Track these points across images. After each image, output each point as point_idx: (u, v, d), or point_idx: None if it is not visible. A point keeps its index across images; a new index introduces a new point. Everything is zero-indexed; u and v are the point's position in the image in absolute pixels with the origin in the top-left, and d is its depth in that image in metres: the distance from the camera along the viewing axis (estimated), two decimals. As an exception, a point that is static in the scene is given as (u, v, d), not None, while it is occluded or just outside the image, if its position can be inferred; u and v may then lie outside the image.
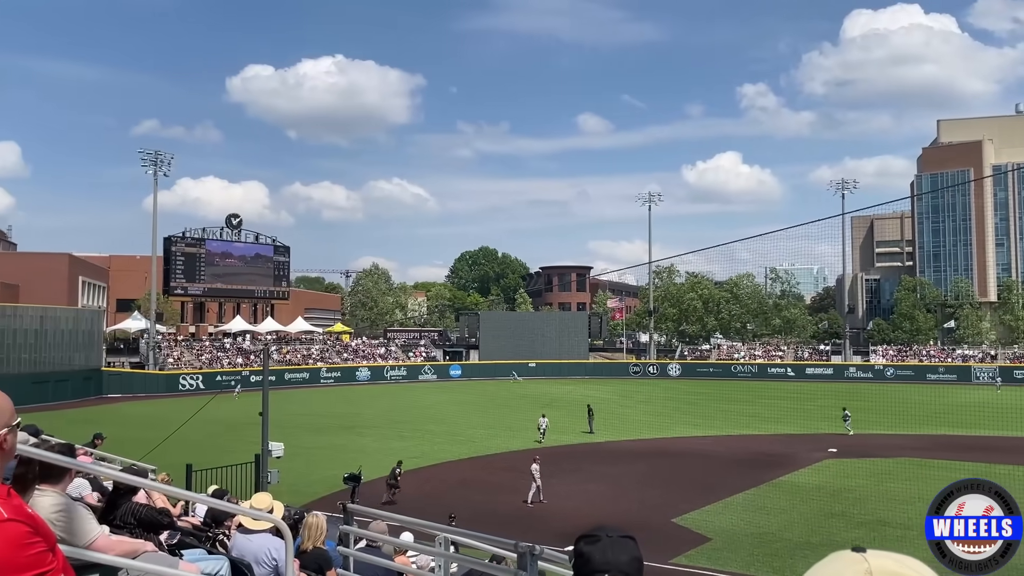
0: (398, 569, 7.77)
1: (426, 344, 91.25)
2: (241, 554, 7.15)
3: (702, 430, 42.63)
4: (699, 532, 22.34)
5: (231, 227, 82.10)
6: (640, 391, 67.18)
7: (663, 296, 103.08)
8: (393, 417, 49.18)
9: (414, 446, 37.47)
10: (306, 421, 44.86)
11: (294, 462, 27.05)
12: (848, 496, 26.42)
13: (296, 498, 20.87)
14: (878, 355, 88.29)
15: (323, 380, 74.63)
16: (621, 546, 2.26)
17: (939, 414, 43.42)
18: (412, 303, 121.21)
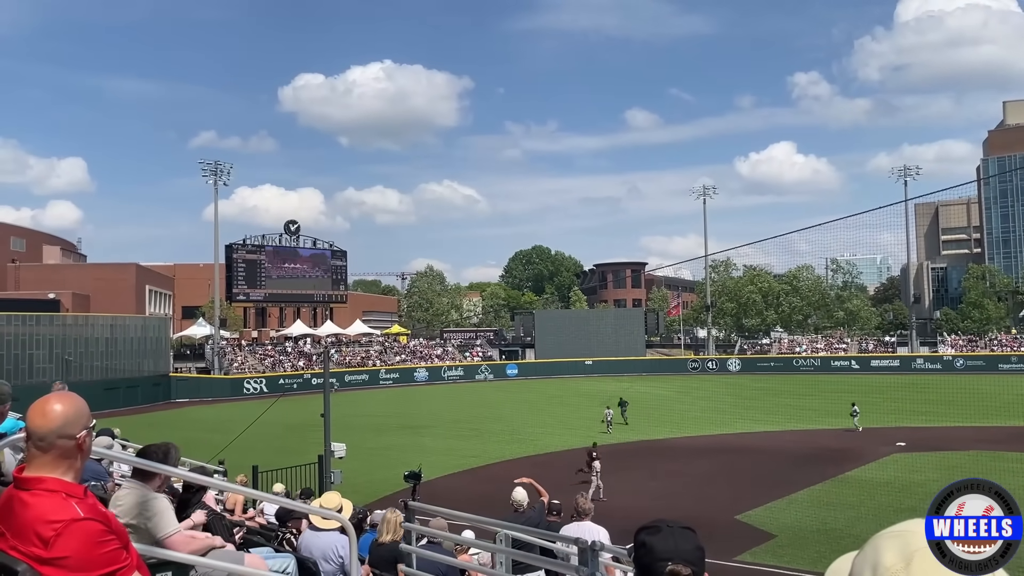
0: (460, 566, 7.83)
1: (482, 344, 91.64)
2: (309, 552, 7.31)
3: (764, 425, 41.90)
4: (763, 529, 21.96)
5: (289, 233, 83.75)
6: (699, 387, 66.38)
7: (720, 290, 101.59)
8: (452, 417, 49.54)
9: (473, 445, 37.69)
10: (366, 422, 45.49)
11: (356, 462, 27.45)
12: (919, 491, 25.62)
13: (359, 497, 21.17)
14: (947, 345, 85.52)
15: (382, 381, 75.61)
16: (683, 536, 2.27)
17: (1013, 405, 41.85)
18: (467, 303, 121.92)
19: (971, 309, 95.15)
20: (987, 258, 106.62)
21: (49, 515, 2.60)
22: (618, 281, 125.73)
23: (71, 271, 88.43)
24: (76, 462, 2.78)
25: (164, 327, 72.01)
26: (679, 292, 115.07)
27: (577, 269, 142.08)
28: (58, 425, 2.71)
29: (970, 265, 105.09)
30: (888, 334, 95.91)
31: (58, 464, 2.71)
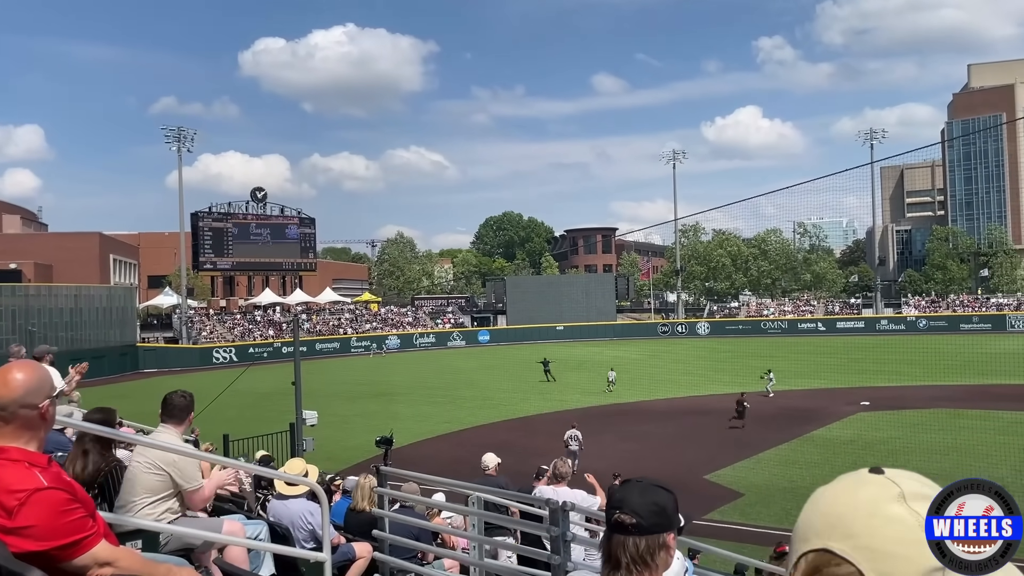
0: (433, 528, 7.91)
1: (454, 311, 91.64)
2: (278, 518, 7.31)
3: (733, 387, 42.50)
4: (732, 488, 22.42)
5: (256, 201, 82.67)
6: (669, 351, 67.09)
7: (690, 255, 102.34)
8: (424, 383, 49.65)
9: (446, 411, 37.86)
10: (338, 389, 45.44)
11: (328, 429, 27.46)
12: (881, 448, 26.32)
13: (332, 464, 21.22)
14: (910, 307, 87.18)
15: (353, 349, 75.44)
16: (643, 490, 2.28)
17: (972, 364, 42.90)
18: (438, 270, 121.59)
19: (934, 271, 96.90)
20: (950, 220, 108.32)
21: (12, 485, 2.57)
22: (589, 247, 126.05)
23: (32, 240, 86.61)
24: (39, 432, 2.75)
25: (130, 297, 70.99)
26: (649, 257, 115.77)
27: (548, 235, 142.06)
28: (20, 395, 2.66)
29: (934, 227, 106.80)
30: (854, 296, 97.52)
31: (20, 434, 2.67)
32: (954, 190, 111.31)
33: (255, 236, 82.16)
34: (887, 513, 0.94)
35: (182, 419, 5.30)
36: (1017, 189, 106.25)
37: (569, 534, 4.97)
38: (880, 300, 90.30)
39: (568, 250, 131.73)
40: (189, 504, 5.18)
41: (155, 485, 4.98)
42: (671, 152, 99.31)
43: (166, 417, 5.28)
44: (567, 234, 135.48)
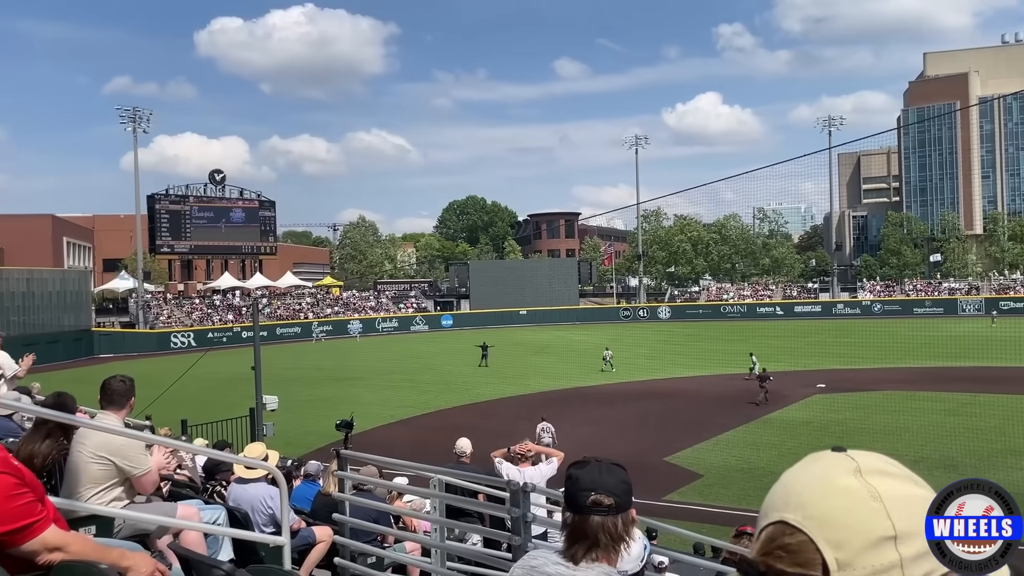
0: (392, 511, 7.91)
1: (416, 295, 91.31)
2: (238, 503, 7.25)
3: (693, 370, 43.10)
4: (691, 469, 22.76)
5: (215, 183, 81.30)
6: (631, 335, 67.64)
7: (652, 240, 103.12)
8: (386, 368, 49.47)
9: (408, 396, 37.80)
10: (299, 374, 45.08)
11: (288, 414, 27.25)
12: (836, 429, 26.90)
13: (293, 449, 21.07)
14: (865, 291, 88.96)
15: (315, 334, 74.80)
16: (609, 470, 2.33)
17: (925, 347, 44.01)
18: (401, 255, 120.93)
19: (889, 256, 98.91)
20: (905, 206, 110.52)
21: (-42, 470, 2.51)
22: (552, 231, 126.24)
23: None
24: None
25: (84, 280, 69.46)
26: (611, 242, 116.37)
27: (511, 220, 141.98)
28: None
29: (889, 213, 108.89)
30: (811, 281, 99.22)
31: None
32: (909, 177, 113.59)
33: (214, 219, 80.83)
34: (840, 484, 0.97)
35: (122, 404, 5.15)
36: (969, 176, 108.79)
37: (530, 515, 4.99)
38: (836, 285, 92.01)
39: (531, 235, 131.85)
40: (139, 489, 5.08)
41: (99, 475, 4.87)
42: (633, 137, 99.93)
43: (106, 403, 5.13)
44: (530, 219, 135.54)
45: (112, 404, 5.14)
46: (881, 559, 0.91)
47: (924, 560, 0.92)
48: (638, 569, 3.44)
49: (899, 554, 0.91)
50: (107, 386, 5.20)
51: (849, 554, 0.91)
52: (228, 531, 5.74)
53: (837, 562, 0.91)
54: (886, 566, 0.90)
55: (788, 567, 0.94)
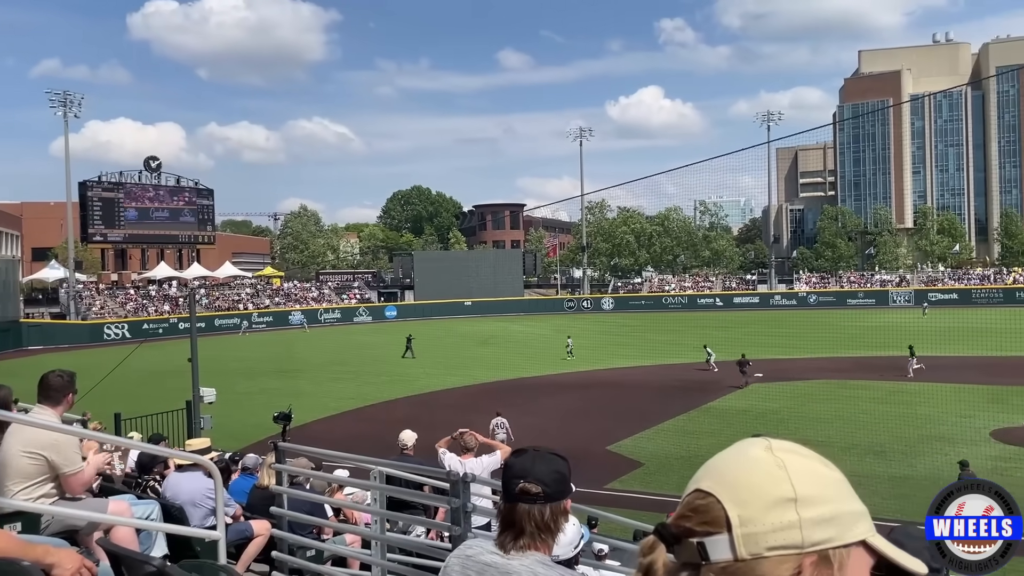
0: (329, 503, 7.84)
1: (360, 286, 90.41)
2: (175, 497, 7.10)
3: (635, 361, 43.67)
4: (632, 458, 23.08)
5: (150, 170, 79.07)
6: (575, 326, 68.12)
7: (596, 231, 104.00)
8: (329, 359, 48.92)
9: (351, 387, 37.45)
10: (239, 366, 44.26)
11: (228, 407, 26.74)
12: (772, 418, 27.58)
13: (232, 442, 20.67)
14: (802, 283, 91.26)
15: (255, 325, 73.48)
16: (543, 459, 2.34)
17: (858, 337, 45.40)
18: (344, 245, 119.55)
19: (824, 248, 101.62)
20: (840, 200, 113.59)
21: None
22: (497, 222, 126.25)
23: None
24: None
25: (11, 270, 66.84)
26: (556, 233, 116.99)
27: (456, 210, 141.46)
28: None
29: (825, 207, 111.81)
30: (750, 272, 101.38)
31: None
32: (843, 171, 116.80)
33: (149, 207, 78.62)
34: (750, 455, 1.05)
35: (59, 400, 5.06)
36: (901, 172, 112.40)
37: (470, 505, 5.00)
38: (774, 276, 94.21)
39: (476, 225, 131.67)
40: (67, 488, 4.94)
41: (29, 470, 4.72)
42: (577, 129, 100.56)
43: (43, 398, 5.03)
44: (475, 209, 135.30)
45: (48, 399, 5.03)
46: (781, 518, 0.97)
47: (823, 526, 0.98)
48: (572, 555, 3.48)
49: (798, 515, 0.97)
50: (44, 381, 5.09)
51: (751, 512, 0.98)
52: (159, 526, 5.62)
53: (740, 518, 0.98)
54: (785, 525, 0.97)
55: (696, 526, 1.01)
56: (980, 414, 26.50)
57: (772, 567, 0.97)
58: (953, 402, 28.44)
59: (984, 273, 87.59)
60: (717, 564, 0.99)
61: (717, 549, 0.99)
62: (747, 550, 0.98)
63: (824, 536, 0.98)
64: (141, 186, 78.22)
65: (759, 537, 0.98)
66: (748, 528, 0.98)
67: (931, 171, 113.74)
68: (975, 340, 41.99)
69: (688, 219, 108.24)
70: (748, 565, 0.98)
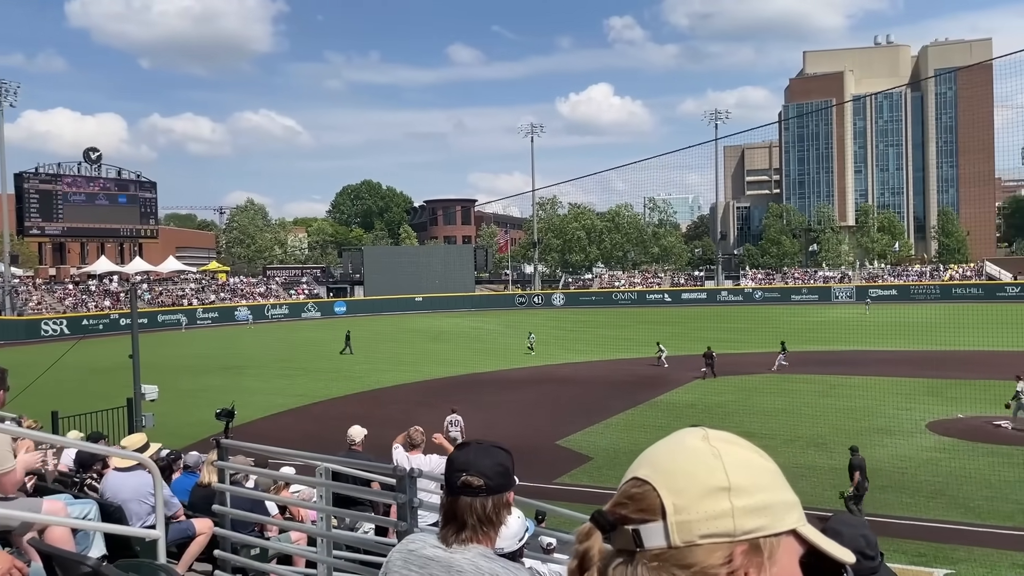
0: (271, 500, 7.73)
1: (308, 281, 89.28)
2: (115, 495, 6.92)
3: (585, 356, 43.99)
4: (581, 452, 23.25)
5: (90, 162, 76.82)
6: (526, 321, 68.32)
7: (547, 228, 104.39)
8: (276, 356, 48.23)
9: (299, 384, 36.98)
10: (182, 363, 43.39)
11: (171, 405, 26.18)
12: (718, 411, 28.06)
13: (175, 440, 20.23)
14: (747, 279, 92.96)
15: (200, 321, 72.04)
16: (485, 452, 2.34)
17: (802, 332, 46.42)
18: (292, 239, 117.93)
19: (770, 245, 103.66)
20: (785, 198, 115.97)
21: None
22: (448, 217, 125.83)
23: None
24: None
25: (-58, 265, 64.41)
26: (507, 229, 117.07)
27: (407, 205, 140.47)
28: None
29: (770, 204, 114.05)
30: (697, 269, 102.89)
31: None
32: (788, 170, 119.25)
33: (89, 200, 76.34)
34: (686, 444, 1.07)
35: None
36: (843, 170, 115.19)
37: (416, 500, 4.98)
38: (721, 273, 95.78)
39: (427, 221, 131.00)
40: None
41: None
42: (528, 125, 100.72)
43: None
44: (426, 204, 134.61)
45: None
46: (714, 506, 0.99)
47: (755, 515, 1.00)
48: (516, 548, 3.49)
49: (731, 504, 0.99)
50: None
51: (686, 500, 1.00)
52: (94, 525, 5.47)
53: (674, 506, 1.00)
54: (718, 513, 0.98)
55: (632, 513, 1.03)
56: (917, 406, 27.35)
57: (704, 555, 0.98)
58: (891, 395, 29.32)
59: (922, 270, 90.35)
60: (651, 551, 1.00)
61: (651, 536, 1.00)
62: (680, 538, 0.99)
63: (756, 525, 0.99)
64: (80, 178, 75.95)
65: (693, 525, 0.99)
66: (682, 516, 0.99)
67: (872, 170, 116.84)
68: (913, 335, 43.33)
69: (638, 216, 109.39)
70: (681, 552, 0.99)
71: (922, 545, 14.91)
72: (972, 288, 78.75)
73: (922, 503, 17.55)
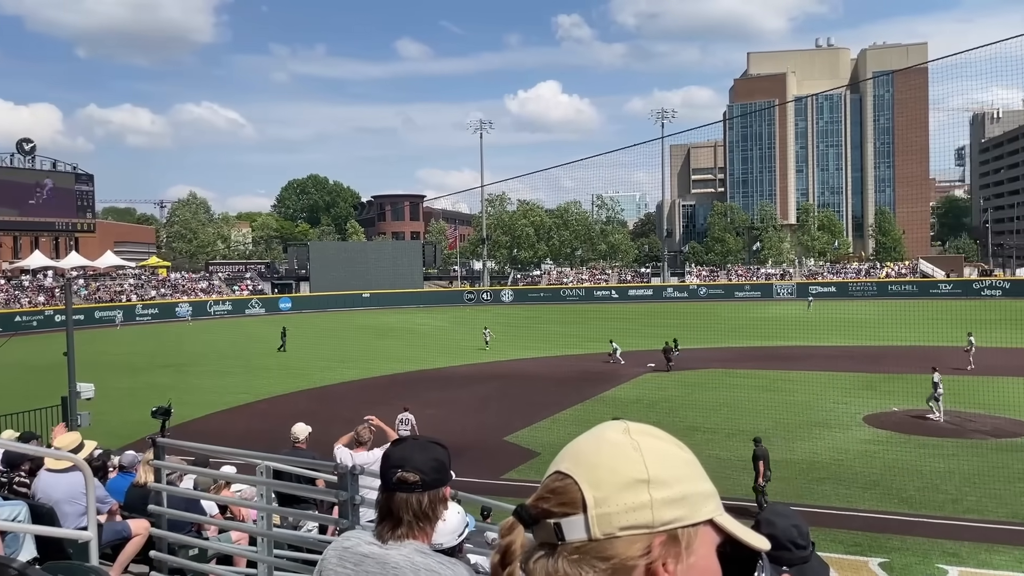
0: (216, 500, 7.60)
1: (252, 277, 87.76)
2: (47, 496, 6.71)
3: (534, 352, 44.15)
4: (529, 448, 23.34)
5: (23, 153, 74.26)
6: (474, 318, 68.27)
7: (496, 224, 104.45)
8: (219, 353, 47.33)
9: (243, 382, 36.35)
10: (121, 360, 42.29)
11: (109, 404, 25.52)
12: (663, 406, 28.45)
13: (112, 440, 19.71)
14: (692, 276, 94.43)
15: (139, 317, 70.27)
16: (421, 447, 2.33)
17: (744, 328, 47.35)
18: (236, 234, 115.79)
19: (714, 243, 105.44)
20: (729, 196, 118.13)
21: None
22: (396, 213, 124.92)
23: None
24: None
25: None
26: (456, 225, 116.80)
27: (355, 200, 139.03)
28: None
29: (715, 203, 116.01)
30: (644, 266, 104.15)
31: None
32: (732, 169, 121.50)
33: (22, 193, 73.74)
34: (607, 438, 1.09)
35: None
36: (785, 170, 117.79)
37: (358, 498, 4.94)
38: (667, 270, 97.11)
39: (375, 216, 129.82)
40: None
41: None
42: (477, 122, 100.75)
43: None
44: (374, 200, 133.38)
45: None
46: (633, 498, 1.01)
47: (673, 506, 1.02)
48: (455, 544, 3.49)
49: (650, 496, 1.01)
50: None
51: (606, 492, 1.02)
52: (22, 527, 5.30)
53: (595, 500, 1.01)
54: (637, 505, 1.01)
55: (554, 507, 1.04)
56: (854, 400, 28.14)
57: (624, 547, 1.00)
58: (830, 389, 30.10)
59: (860, 267, 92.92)
60: (572, 544, 1.02)
61: (572, 529, 1.02)
62: (600, 530, 1.00)
63: (674, 516, 1.01)
64: (13, 170, 73.35)
65: (612, 518, 1.00)
66: (602, 509, 1.01)
67: (813, 170, 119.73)
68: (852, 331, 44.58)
69: (586, 213, 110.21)
70: (601, 545, 1.01)
71: (857, 535, 15.35)
72: (907, 285, 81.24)
73: (857, 494, 18.06)
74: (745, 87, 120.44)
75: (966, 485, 18.24)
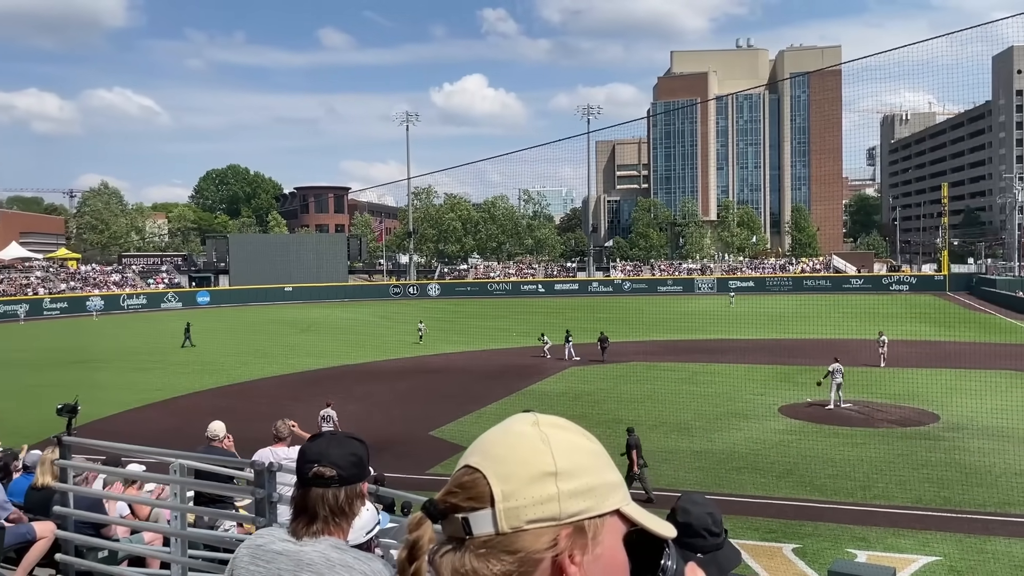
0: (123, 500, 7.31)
1: (168, 270, 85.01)
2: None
3: (460, 347, 44.08)
4: (454, 442, 23.25)
5: (-82, 137, 69.97)
6: (400, 312, 67.75)
7: (423, 217, 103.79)
8: (132, 348, 45.66)
9: (158, 378, 35.15)
10: (25, 357, 40.39)
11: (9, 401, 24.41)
12: (588, 399, 28.79)
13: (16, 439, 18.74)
14: (617, 271, 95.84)
15: (47, 312, 67.22)
16: (338, 442, 2.28)
17: (666, 322, 48.32)
18: (150, 226, 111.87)
19: (638, 238, 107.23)
20: (653, 193, 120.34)
21: None
22: (320, 205, 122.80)
23: None
24: None
25: None
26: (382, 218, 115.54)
27: (276, 192, 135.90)
28: None
29: (639, 199, 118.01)
30: (570, 260, 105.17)
31: None
32: (656, 166, 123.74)
33: (-83, 179, 69.62)
34: (515, 430, 1.08)
35: None
36: (707, 167, 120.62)
37: (275, 495, 4.80)
38: (592, 264, 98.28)
39: (298, 208, 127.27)
40: None
41: None
42: (404, 113, 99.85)
43: None
44: (297, 191, 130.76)
45: None
46: (541, 492, 1.00)
47: (579, 498, 1.01)
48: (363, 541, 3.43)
49: (557, 488, 1.00)
50: None
51: (514, 486, 1.01)
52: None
53: (502, 493, 1.00)
54: (544, 498, 1.00)
55: (462, 502, 1.03)
56: (770, 392, 29.04)
57: (531, 540, 1.00)
58: (748, 381, 31.00)
59: (777, 263, 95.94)
60: (479, 538, 1.01)
61: (480, 524, 1.01)
62: (508, 524, 1.00)
63: (580, 507, 1.01)
64: (-93, 155, 69.17)
65: (520, 511, 1.00)
66: (510, 503, 1.00)
67: (733, 168, 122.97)
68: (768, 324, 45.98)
69: (513, 208, 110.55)
70: (508, 538, 1.00)
71: (772, 522, 15.84)
72: (821, 280, 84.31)
73: (773, 482, 18.64)
74: (668, 85, 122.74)
75: (874, 472, 19.03)
